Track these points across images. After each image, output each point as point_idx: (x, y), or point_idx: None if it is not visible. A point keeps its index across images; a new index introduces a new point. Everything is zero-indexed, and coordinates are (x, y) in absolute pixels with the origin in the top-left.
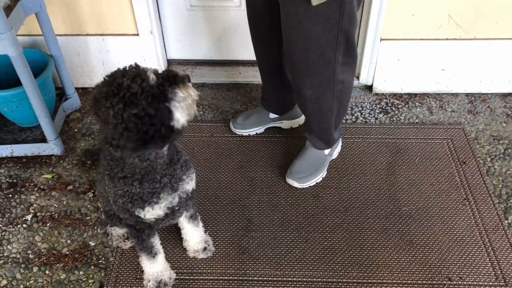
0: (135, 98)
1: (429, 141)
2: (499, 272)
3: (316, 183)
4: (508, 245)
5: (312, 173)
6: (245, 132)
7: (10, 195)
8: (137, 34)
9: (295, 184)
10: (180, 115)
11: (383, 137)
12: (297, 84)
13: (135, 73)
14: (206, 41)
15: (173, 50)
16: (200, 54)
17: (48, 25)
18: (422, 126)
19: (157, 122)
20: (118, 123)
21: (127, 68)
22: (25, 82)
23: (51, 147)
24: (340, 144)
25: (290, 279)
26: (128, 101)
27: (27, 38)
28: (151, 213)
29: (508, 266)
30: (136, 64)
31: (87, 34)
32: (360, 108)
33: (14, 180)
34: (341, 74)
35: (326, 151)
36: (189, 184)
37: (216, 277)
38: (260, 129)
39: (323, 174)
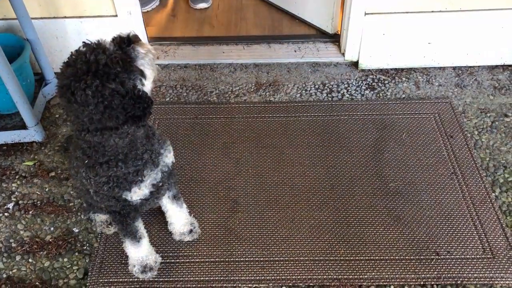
0: (108, 68)
1: (416, 116)
2: (486, 245)
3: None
4: (495, 217)
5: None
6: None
7: None
8: (116, 15)
9: None
10: (149, 72)
11: (370, 113)
12: None
13: (92, 47)
14: None
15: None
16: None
17: (22, 8)
18: (409, 101)
19: (135, 93)
20: (99, 102)
21: (80, 48)
22: None
23: (32, 133)
24: None
25: (277, 258)
26: (103, 74)
27: (1, 22)
28: (138, 193)
29: (495, 238)
30: (84, 42)
31: (64, 17)
32: (346, 85)
33: None
34: None
35: None
36: (168, 157)
37: (202, 259)
38: None
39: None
